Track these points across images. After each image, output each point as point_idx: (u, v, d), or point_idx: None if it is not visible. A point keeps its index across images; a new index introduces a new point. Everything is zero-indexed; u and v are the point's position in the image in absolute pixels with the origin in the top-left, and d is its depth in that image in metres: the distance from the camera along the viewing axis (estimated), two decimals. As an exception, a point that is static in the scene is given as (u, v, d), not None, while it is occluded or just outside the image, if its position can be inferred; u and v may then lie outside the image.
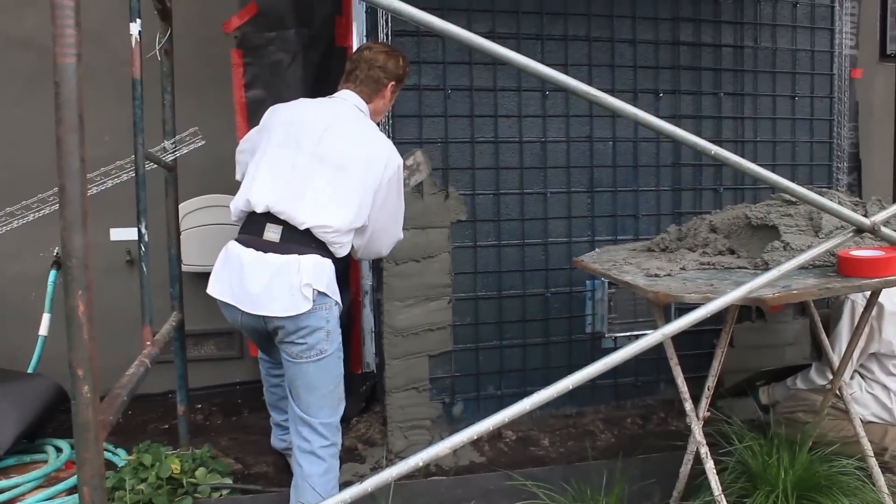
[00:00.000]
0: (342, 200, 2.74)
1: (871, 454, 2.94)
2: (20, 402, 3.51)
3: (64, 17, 1.46)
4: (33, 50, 4.09)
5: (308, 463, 2.75)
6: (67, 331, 1.54)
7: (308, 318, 2.66)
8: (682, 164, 4.14)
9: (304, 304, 2.64)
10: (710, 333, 4.08)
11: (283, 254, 2.68)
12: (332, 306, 2.75)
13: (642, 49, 4.05)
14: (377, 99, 3.02)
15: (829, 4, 4.34)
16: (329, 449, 2.78)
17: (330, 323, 2.73)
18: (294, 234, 2.70)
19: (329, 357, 2.74)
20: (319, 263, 2.70)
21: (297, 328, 2.68)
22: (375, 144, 2.87)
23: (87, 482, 1.59)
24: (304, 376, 2.73)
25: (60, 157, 1.48)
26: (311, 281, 2.64)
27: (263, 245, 2.72)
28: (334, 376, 2.78)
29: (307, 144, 2.80)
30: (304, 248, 2.69)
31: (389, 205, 2.91)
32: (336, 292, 2.78)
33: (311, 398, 2.74)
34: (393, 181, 2.88)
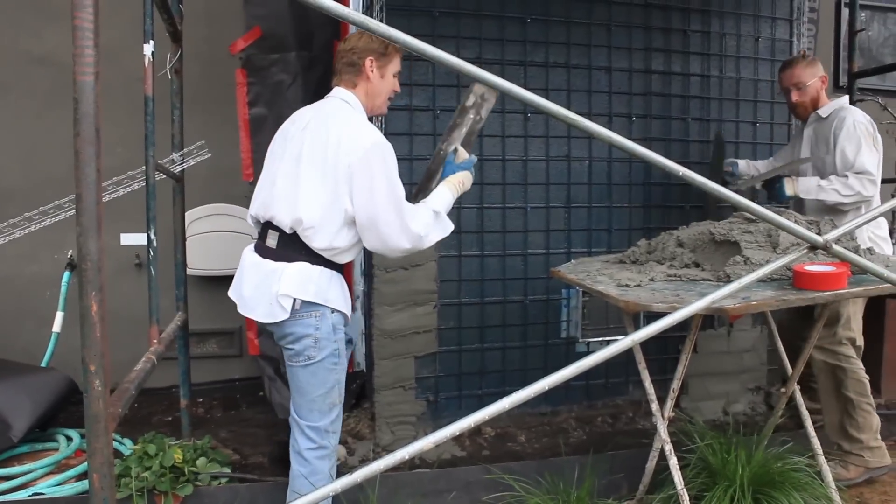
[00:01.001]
0: (310, 192, 2.52)
1: (820, 452, 2.96)
2: (34, 394, 3.50)
3: (83, 38, 1.46)
4: (53, 66, 4.09)
5: (295, 463, 2.66)
6: (81, 329, 1.54)
7: (293, 325, 2.53)
8: (652, 184, 4.16)
9: (280, 313, 2.51)
10: (676, 339, 4.10)
11: (275, 261, 2.56)
12: (326, 314, 2.56)
13: (617, 76, 4.07)
14: (362, 81, 2.70)
15: (787, 39, 4.38)
16: (315, 452, 2.63)
17: (320, 330, 2.54)
18: (288, 240, 2.57)
19: (318, 364, 2.57)
20: (305, 272, 2.53)
21: (283, 334, 2.58)
22: (344, 129, 2.54)
23: (97, 469, 1.59)
24: (294, 379, 2.63)
25: (78, 167, 1.48)
26: (291, 291, 2.49)
27: (265, 251, 2.62)
28: (323, 382, 2.60)
29: (289, 148, 2.64)
30: (295, 256, 2.55)
31: (366, 193, 2.49)
32: (332, 300, 2.57)
33: (301, 401, 2.62)
34: (370, 166, 2.48)
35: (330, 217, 2.51)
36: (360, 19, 1.57)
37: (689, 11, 4.19)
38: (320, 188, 2.51)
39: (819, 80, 3.59)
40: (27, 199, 3.86)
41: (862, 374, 3.33)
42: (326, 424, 2.63)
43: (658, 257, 2.98)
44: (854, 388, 3.30)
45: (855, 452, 3.28)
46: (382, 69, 2.72)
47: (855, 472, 3.26)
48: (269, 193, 2.62)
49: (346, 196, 2.50)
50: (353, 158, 2.47)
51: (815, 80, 3.57)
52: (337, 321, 2.60)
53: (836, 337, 3.33)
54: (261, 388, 4.36)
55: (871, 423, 3.31)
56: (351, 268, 4.05)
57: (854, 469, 3.26)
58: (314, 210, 2.50)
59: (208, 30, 4.23)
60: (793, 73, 3.60)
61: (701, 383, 4.16)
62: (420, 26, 3.65)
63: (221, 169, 4.09)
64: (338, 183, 2.49)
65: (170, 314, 3.41)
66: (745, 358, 4.27)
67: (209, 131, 3.89)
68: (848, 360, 3.33)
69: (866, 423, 3.30)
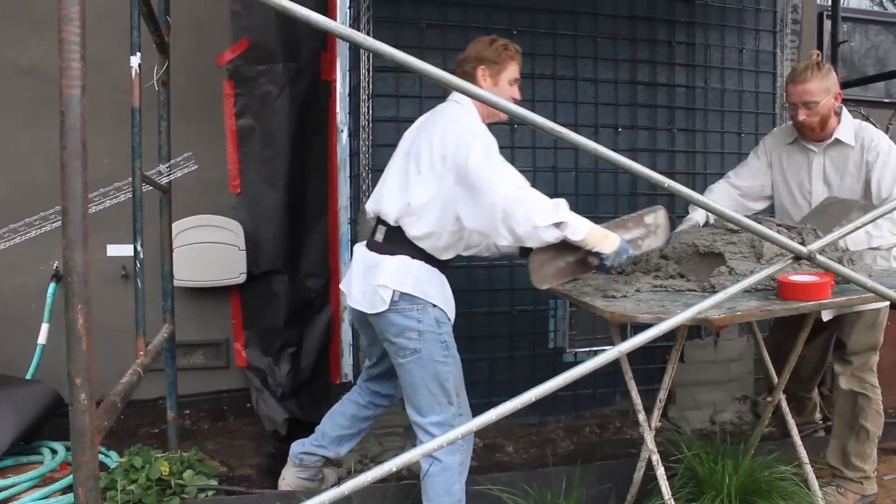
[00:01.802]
0: (415, 182, 2.61)
1: (806, 461, 2.96)
2: (18, 407, 3.47)
3: (70, 50, 1.46)
4: (38, 77, 4.07)
5: (426, 463, 2.67)
6: (67, 342, 1.53)
7: (395, 316, 2.60)
8: (638, 194, 4.18)
9: (380, 303, 2.58)
10: (663, 349, 4.11)
11: (380, 253, 2.66)
12: (427, 308, 2.62)
13: (603, 87, 4.09)
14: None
15: (771, 51, 4.42)
16: (444, 448, 2.50)
17: (423, 323, 2.60)
18: (392, 234, 2.66)
19: (424, 357, 2.61)
20: (405, 265, 2.61)
21: (386, 326, 2.62)
22: (450, 121, 2.62)
23: (83, 483, 1.58)
24: (406, 376, 2.67)
25: (64, 180, 1.48)
26: (389, 282, 2.57)
27: (373, 244, 2.73)
28: (435, 374, 2.64)
29: (402, 146, 2.77)
30: (397, 249, 2.63)
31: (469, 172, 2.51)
32: (431, 294, 2.63)
33: (417, 398, 2.66)
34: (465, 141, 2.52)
35: (432, 203, 2.58)
36: (347, 32, 1.57)
37: (674, 23, 4.22)
38: (426, 176, 2.59)
39: (832, 98, 3.07)
40: (13, 210, 3.84)
41: (881, 408, 3.23)
42: (449, 418, 2.67)
43: (643, 268, 2.99)
44: (872, 420, 3.19)
45: (855, 480, 3.24)
46: (495, 77, 2.79)
47: (852, 498, 3.24)
48: (380, 189, 2.75)
49: (447, 178, 2.56)
50: (452, 142, 2.54)
51: (828, 98, 3.05)
52: (440, 316, 2.66)
53: (867, 364, 3.21)
54: (248, 400, 4.34)
55: (874, 455, 3.27)
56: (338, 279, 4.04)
57: (851, 496, 3.23)
58: (418, 197, 2.59)
59: (195, 41, 4.23)
60: (804, 88, 3.04)
61: (688, 393, 4.17)
62: (407, 38, 3.66)
63: (209, 180, 4.09)
64: (441, 167, 2.57)
65: (157, 326, 3.40)
66: (731, 367, 4.29)
67: (196, 143, 3.88)
68: (874, 389, 3.20)
69: (872, 455, 3.25)
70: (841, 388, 3.24)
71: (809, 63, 3.08)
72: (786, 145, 3.33)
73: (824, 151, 3.20)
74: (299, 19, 1.50)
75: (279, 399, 4.01)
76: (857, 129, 3.14)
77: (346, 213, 3.70)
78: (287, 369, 4.12)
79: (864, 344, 3.20)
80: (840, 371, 3.24)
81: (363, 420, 3.14)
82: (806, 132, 3.16)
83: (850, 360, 3.21)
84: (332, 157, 3.84)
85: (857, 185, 3.13)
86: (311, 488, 3.16)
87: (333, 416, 3.15)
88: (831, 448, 3.31)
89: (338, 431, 3.12)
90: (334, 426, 3.12)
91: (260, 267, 4.24)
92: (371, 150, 3.64)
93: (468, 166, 2.51)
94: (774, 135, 3.44)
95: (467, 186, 2.54)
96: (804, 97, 3.05)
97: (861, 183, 3.11)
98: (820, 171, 3.22)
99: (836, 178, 3.18)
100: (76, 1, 1.46)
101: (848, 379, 3.22)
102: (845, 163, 3.14)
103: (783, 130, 3.40)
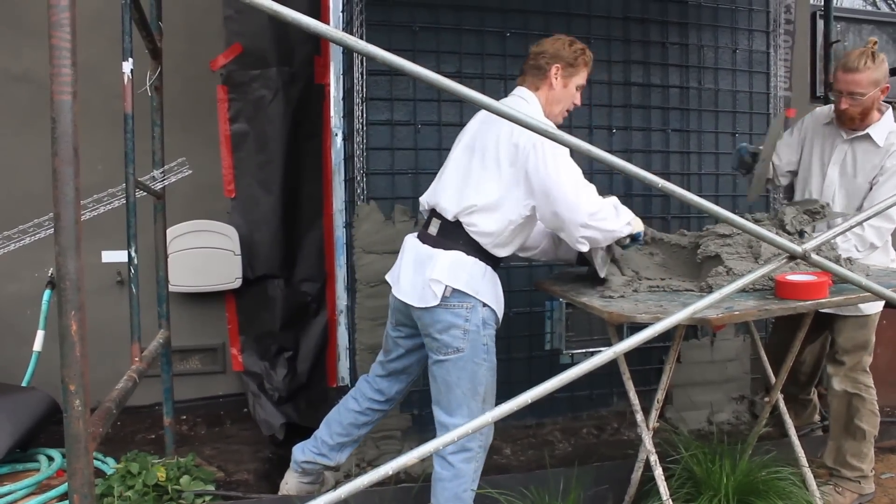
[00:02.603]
0: (481, 177, 2.59)
1: (804, 462, 2.96)
2: (14, 414, 3.46)
3: (61, 56, 1.45)
4: (31, 84, 4.06)
5: (439, 466, 2.66)
6: (61, 348, 1.52)
7: (443, 313, 2.56)
8: (633, 195, 4.17)
9: (431, 298, 2.55)
10: (660, 350, 4.12)
11: (433, 247, 2.63)
12: (477, 307, 2.58)
13: (597, 89, 4.09)
14: (544, 86, 2.73)
15: (764, 51, 4.42)
16: (459, 455, 2.62)
17: (469, 322, 2.57)
18: (448, 229, 2.63)
19: (465, 357, 2.58)
20: (460, 261, 2.58)
21: (432, 321, 2.59)
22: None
23: (78, 490, 1.57)
24: (441, 373, 2.63)
25: (56, 187, 1.47)
26: (442, 277, 2.55)
27: (425, 237, 2.70)
28: (472, 377, 2.61)
29: (464, 140, 2.75)
30: (452, 244, 2.60)
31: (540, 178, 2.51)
32: (483, 293, 2.60)
33: (448, 398, 2.62)
34: (535, 142, 2.49)
35: (498, 203, 2.57)
36: (339, 36, 1.57)
37: (667, 24, 4.22)
38: (493, 173, 2.58)
39: (879, 91, 3.04)
40: (6, 217, 3.83)
41: (876, 408, 3.22)
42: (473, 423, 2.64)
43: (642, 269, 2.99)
44: (868, 421, 3.19)
45: (853, 480, 3.24)
46: (567, 79, 2.76)
47: (850, 498, 3.24)
48: (439, 181, 2.74)
49: (510, 185, 2.56)
50: (521, 140, 2.51)
51: (875, 91, 3.03)
52: (488, 316, 2.64)
53: (860, 364, 3.21)
54: (245, 405, 4.33)
55: (872, 454, 3.27)
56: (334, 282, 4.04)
57: (849, 495, 3.23)
58: (485, 194, 2.57)
59: (188, 46, 4.22)
60: (853, 78, 3.01)
61: (685, 393, 4.17)
62: (400, 42, 3.66)
63: (203, 185, 4.08)
64: (509, 166, 2.55)
65: (152, 331, 3.38)
66: (728, 367, 4.29)
67: (190, 148, 3.87)
68: (868, 390, 3.20)
69: (870, 454, 3.25)
70: (834, 389, 3.23)
71: (865, 51, 3.04)
72: (822, 125, 3.33)
73: (852, 142, 3.19)
74: (292, 24, 1.50)
75: (276, 404, 4.00)
76: (891, 132, 3.11)
77: (341, 216, 3.69)
78: (284, 374, 4.11)
79: (855, 341, 3.19)
80: (833, 372, 3.24)
81: (361, 427, 3.11)
82: (845, 120, 3.15)
83: (842, 360, 3.20)
84: (327, 161, 3.84)
85: (866, 184, 3.13)
86: (313, 492, 3.15)
87: (330, 424, 3.12)
88: (828, 449, 3.31)
89: (336, 439, 3.09)
90: (332, 434, 3.10)
91: (255, 271, 4.23)
92: (366, 154, 3.64)
93: (539, 175, 2.51)
94: (815, 114, 3.43)
95: (541, 194, 2.54)
96: (851, 87, 3.03)
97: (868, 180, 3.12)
98: (840, 158, 3.22)
99: (852, 170, 3.17)
100: (67, 7, 1.45)
101: (841, 380, 3.22)
102: (866, 160, 3.14)
103: (824, 111, 3.40)
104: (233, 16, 4.02)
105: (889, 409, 4.16)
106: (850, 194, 3.19)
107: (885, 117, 3.14)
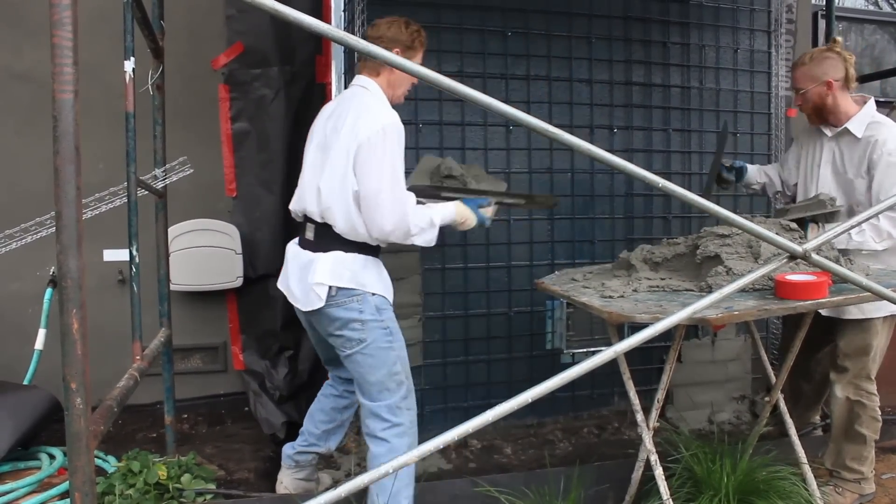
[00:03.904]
0: (326, 174, 2.64)
1: (805, 461, 2.96)
2: (16, 412, 3.47)
3: (63, 55, 1.46)
4: (32, 83, 4.07)
5: (374, 445, 2.72)
6: (62, 347, 1.52)
7: (337, 310, 2.62)
8: (634, 194, 4.18)
9: (316, 300, 2.61)
10: (660, 349, 4.12)
11: (313, 251, 2.68)
12: (366, 297, 2.64)
13: (598, 88, 4.09)
14: (384, 71, 2.77)
15: (766, 50, 4.42)
16: (392, 430, 2.70)
17: (364, 313, 2.63)
18: (323, 231, 2.68)
19: (371, 345, 2.65)
20: (339, 259, 2.63)
21: (328, 321, 2.66)
22: (361, 111, 2.62)
23: (79, 488, 1.58)
24: (354, 366, 2.70)
25: (58, 185, 1.47)
26: (325, 279, 2.60)
27: (305, 243, 2.75)
28: (383, 361, 2.68)
29: (315, 140, 2.79)
30: (330, 245, 2.65)
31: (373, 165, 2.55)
32: (368, 284, 2.66)
33: (367, 385, 2.70)
34: (375, 142, 2.54)
35: (342, 195, 2.59)
36: (341, 35, 1.57)
37: (668, 24, 4.22)
38: (331, 167, 2.62)
39: (823, 87, 3.12)
40: (8, 216, 3.83)
41: (878, 413, 3.21)
42: (398, 401, 2.72)
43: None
44: (869, 426, 3.18)
45: (852, 481, 3.24)
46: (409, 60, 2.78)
47: (850, 498, 3.23)
48: (300, 187, 2.77)
49: (349, 172, 2.58)
50: (363, 138, 2.55)
51: (816, 87, 3.13)
52: (380, 303, 2.70)
53: (864, 371, 3.18)
54: (246, 404, 4.33)
55: (872, 457, 3.26)
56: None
57: (849, 496, 3.23)
58: (332, 191, 2.61)
59: (190, 45, 4.22)
60: (794, 74, 3.24)
61: (686, 393, 4.17)
62: (402, 40, 3.66)
63: (204, 184, 4.08)
64: (348, 162, 2.58)
65: (153, 330, 3.39)
66: (729, 367, 4.29)
67: (192, 147, 3.87)
68: (869, 396, 3.18)
69: (870, 457, 3.24)
70: (836, 395, 3.22)
71: (815, 49, 3.26)
72: (809, 128, 3.41)
73: (836, 138, 3.22)
74: (293, 23, 1.50)
75: (277, 402, 4.00)
76: (871, 123, 3.12)
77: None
78: (285, 373, 4.11)
79: (855, 345, 3.16)
80: (835, 378, 3.22)
81: (342, 410, 3.17)
82: (808, 118, 3.29)
83: (844, 365, 3.18)
84: (328, 160, 3.83)
85: (858, 178, 3.13)
86: (310, 489, 3.17)
87: (313, 414, 3.20)
88: (829, 451, 3.30)
89: (321, 427, 3.15)
90: (316, 423, 3.17)
91: (257, 270, 4.22)
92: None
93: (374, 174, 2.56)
94: (802, 119, 3.48)
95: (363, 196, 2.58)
96: (794, 83, 3.25)
97: (864, 178, 3.12)
98: (829, 157, 3.26)
99: (842, 166, 3.20)
100: (68, 6, 1.46)
101: (843, 387, 3.20)
102: (851, 154, 3.16)
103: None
104: (234, 15, 4.01)
105: (890, 409, 4.15)
106: (846, 191, 3.19)
107: (865, 109, 3.16)
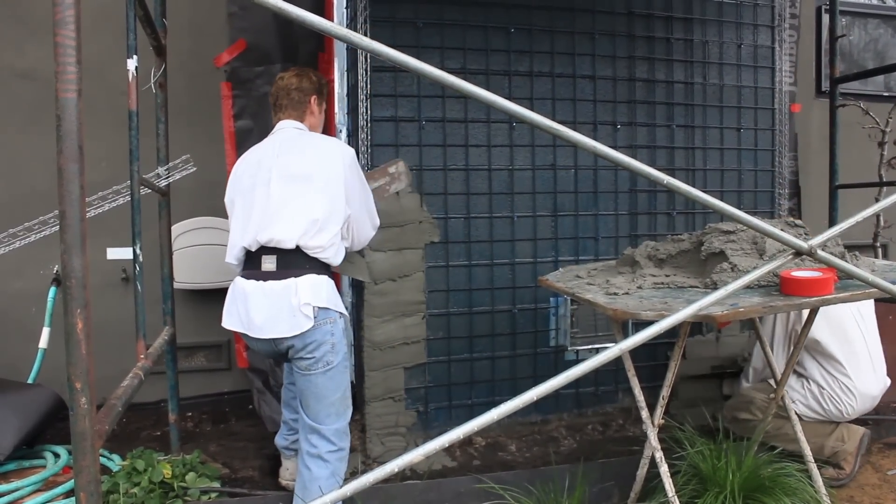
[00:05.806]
0: (316, 201, 2.76)
1: (810, 458, 2.96)
2: (21, 411, 3.48)
3: (66, 55, 1.46)
4: (36, 81, 4.08)
5: (316, 466, 2.75)
6: (66, 346, 1.53)
7: (313, 333, 2.68)
8: (638, 191, 4.17)
9: (305, 322, 2.66)
10: (665, 346, 4.11)
11: (281, 279, 2.71)
12: (337, 319, 2.76)
13: (601, 84, 4.08)
14: (308, 116, 3.07)
15: (769, 46, 4.41)
16: (336, 454, 2.78)
17: (335, 336, 2.74)
18: (288, 259, 2.73)
19: (335, 367, 2.74)
20: (316, 282, 2.72)
21: (304, 345, 2.69)
22: (324, 143, 2.93)
23: (84, 488, 1.58)
24: (313, 387, 2.74)
25: (61, 184, 1.47)
26: (310, 300, 2.67)
27: (263, 275, 2.75)
28: (340, 385, 2.79)
29: (271, 173, 2.81)
30: (300, 271, 2.72)
31: (356, 190, 2.91)
32: (338, 304, 2.79)
33: (320, 406, 2.75)
34: (351, 167, 2.88)
35: (334, 217, 2.78)
36: (343, 33, 1.57)
37: (671, 20, 4.21)
38: (327, 196, 2.78)
39: None
40: (11, 214, 3.84)
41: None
42: (344, 426, 2.82)
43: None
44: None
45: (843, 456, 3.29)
46: (321, 106, 3.15)
47: (849, 465, 3.27)
48: (262, 219, 2.77)
49: (342, 197, 2.81)
50: (346, 164, 2.85)
51: None
52: (345, 325, 2.83)
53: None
54: (250, 402, 4.34)
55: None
56: (339, 279, 4.04)
57: (848, 464, 3.26)
58: (319, 213, 2.74)
59: (192, 43, 4.22)
60: None
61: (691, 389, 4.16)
62: (404, 37, 3.66)
63: (207, 182, 4.08)
64: (338, 187, 2.81)
65: (157, 328, 3.39)
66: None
67: (194, 145, 3.87)
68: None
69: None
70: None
71: None
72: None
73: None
74: (296, 20, 1.50)
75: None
76: None
77: (345, 213, 3.69)
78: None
79: None
80: None
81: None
82: None
83: None
84: (332, 158, 3.83)
85: None
86: None
87: (286, 403, 3.28)
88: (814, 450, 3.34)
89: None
90: (293, 411, 3.21)
91: (260, 268, 4.23)
92: (370, 150, 3.64)
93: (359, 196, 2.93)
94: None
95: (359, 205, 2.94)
96: None
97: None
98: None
99: None
100: (71, 5, 1.46)
101: None
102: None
103: None
104: (237, 12, 4.01)
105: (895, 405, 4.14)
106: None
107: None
